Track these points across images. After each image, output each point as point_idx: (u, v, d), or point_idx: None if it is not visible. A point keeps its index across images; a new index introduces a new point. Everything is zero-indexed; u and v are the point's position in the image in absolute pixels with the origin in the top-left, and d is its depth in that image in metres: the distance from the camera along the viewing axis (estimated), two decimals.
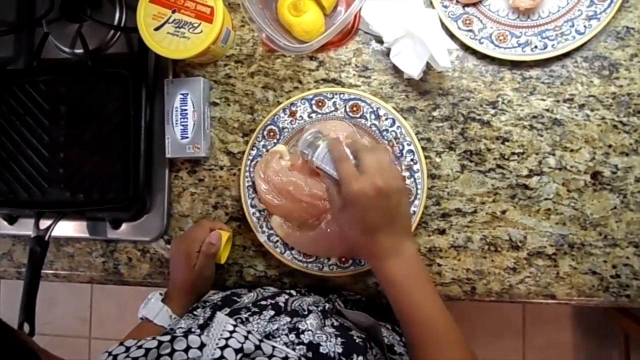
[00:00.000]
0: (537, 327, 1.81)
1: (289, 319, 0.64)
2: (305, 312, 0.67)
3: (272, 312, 0.67)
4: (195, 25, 0.78)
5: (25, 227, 0.91)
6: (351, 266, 0.81)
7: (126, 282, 0.93)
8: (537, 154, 0.80)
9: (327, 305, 0.72)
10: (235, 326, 0.52)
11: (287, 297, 0.73)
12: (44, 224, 0.85)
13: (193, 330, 0.62)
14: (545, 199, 0.80)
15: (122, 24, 0.90)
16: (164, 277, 0.91)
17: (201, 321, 0.67)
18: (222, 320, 0.53)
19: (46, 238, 0.83)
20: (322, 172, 0.68)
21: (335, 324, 0.66)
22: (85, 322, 2.10)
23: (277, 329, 0.62)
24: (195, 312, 0.73)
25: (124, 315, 2.02)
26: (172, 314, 0.76)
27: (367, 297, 0.85)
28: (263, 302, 0.70)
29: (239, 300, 0.73)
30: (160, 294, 0.79)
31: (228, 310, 0.69)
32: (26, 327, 0.78)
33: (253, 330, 0.57)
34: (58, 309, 2.07)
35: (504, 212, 0.80)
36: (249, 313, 0.66)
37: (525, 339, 1.82)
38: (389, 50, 0.81)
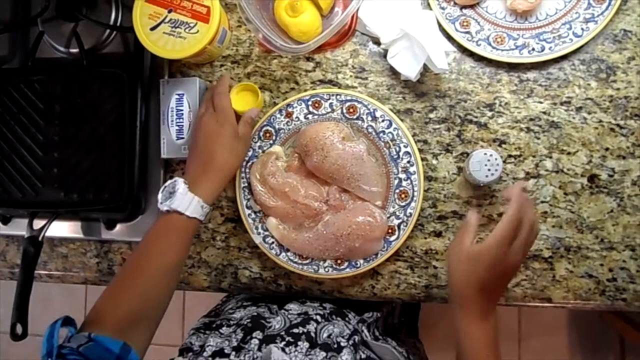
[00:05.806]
0: (532, 331, 1.81)
1: (324, 354, 0.67)
2: (336, 346, 0.70)
3: (307, 344, 0.69)
4: (192, 25, 0.77)
5: (18, 227, 0.90)
6: (347, 268, 0.80)
7: None
8: (534, 156, 0.80)
9: (357, 338, 0.74)
10: None
11: (315, 324, 0.74)
12: (38, 224, 0.84)
13: (227, 352, 0.67)
14: (542, 202, 0.79)
15: (118, 24, 0.89)
16: None
17: (234, 343, 0.69)
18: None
19: (40, 238, 0.83)
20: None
21: (363, 356, 0.70)
22: (80, 322, 2.09)
23: None
24: (221, 330, 0.73)
25: None
26: (203, 203, 0.72)
27: (362, 299, 0.84)
28: (295, 330, 0.71)
29: (267, 324, 0.74)
30: (185, 182, 0.72)
31: (261, 334, 0.70)
32: (19, 328, 0.78)
33: None
34: (52, 309, 2.06)
35: (500, 215, 0.80)
36: (284, 342, 0.69)
37: (521, 343, 1.82)
38: (386, 51, 0.81)
